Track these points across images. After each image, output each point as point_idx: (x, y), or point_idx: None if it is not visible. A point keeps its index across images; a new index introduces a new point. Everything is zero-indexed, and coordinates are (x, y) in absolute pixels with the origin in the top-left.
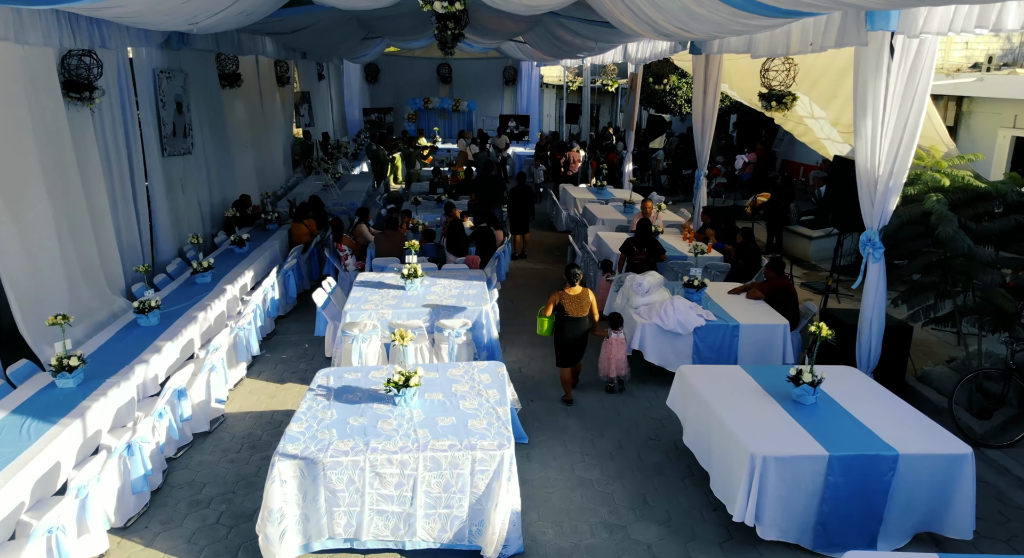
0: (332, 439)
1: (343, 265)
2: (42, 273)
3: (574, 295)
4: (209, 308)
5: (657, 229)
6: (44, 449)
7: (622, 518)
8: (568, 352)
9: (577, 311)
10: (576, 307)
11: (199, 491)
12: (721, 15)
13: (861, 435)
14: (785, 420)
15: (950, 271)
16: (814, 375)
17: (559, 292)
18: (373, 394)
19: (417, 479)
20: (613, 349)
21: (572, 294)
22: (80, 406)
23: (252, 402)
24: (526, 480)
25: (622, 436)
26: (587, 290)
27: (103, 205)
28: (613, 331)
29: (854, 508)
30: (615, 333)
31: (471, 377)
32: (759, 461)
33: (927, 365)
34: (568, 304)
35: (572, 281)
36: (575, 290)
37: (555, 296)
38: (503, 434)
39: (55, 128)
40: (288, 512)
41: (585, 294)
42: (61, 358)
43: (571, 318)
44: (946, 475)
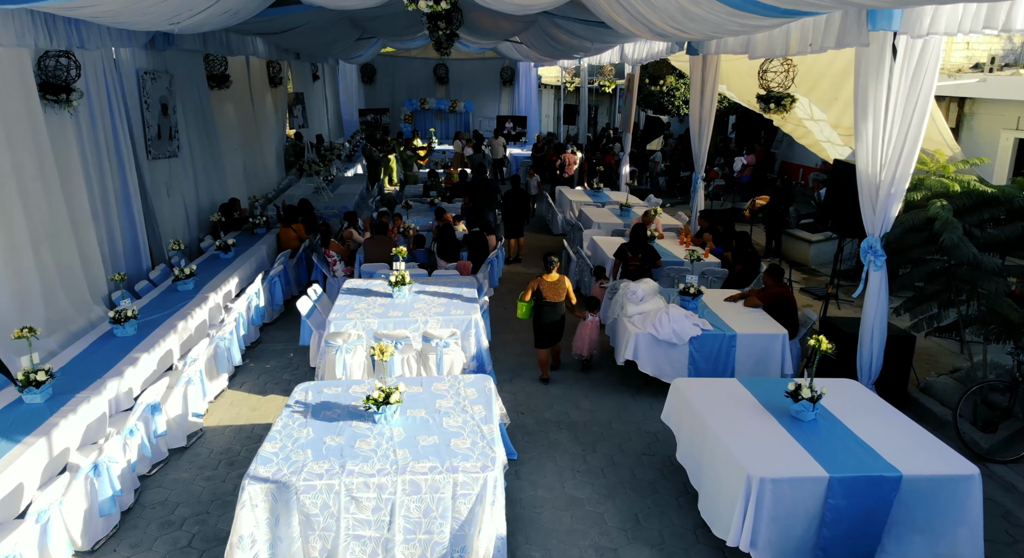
0: (306, 460)
1: (331, 271)
2: (16, 281)
3: (551, 282)
4: (190, 317)
5: (654, 234)
6: (6, 469)
7: (613, 540)
8: (545, 334)
9: (554, 296)
10: (553, 292)
11: (172, 511)
12: (718, 15)
13: (863, 455)
14: (783, 438)
15: (954, 279)
16: (813, 391)
17: (537, 279)
18: (352, 411)
19: (396, 503)
20: (587, 330)
21: (549, 280)
22: (47, 423)
23: (232, 415)
24: (514, 499)
25: (615, 451)
26: (563, 277)
27: (84, 210)
28: (590, 313)
29: (856, 532)
30: (591, 315)
31: (456, 392)
32: (756, 483)
33: (930, 376)
34: (546, 290)
35: (549, 268)
36: (552, 277)
37: (533, 283)
38: (487, 455)
39: (32, 131)
40: (259, 537)
41: (561, 281)
42: (28, 372)
43: (548, 303)
44: (952, 497)
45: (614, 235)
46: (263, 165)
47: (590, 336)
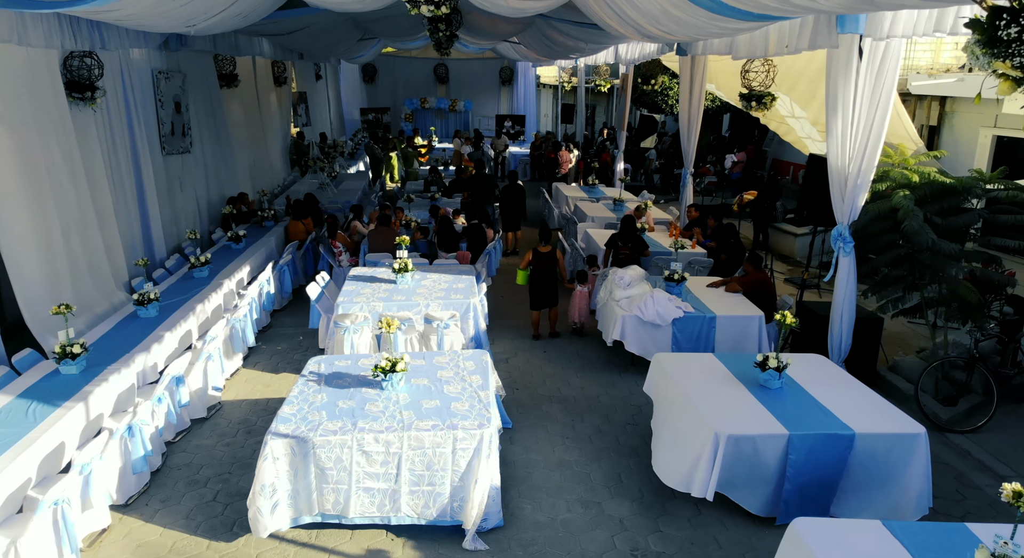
0: (322, 420)
1: (337, 261)
2: (48, 267)
3: (544, 252)
4: (207, 301)
5: (644, 226)
6: (49, 430)
7: (597, 495)
8: (538, 297)
9: (546, 265)
10: (545, 262)
11: (196, 472)
12: (698, 18)
13: (821, 416)
14: (750, 403)
15: (917, 264)
16: (779, 361)
17: (532, 250)
18: (362, 379)
19: (402, 457)
20: (578, 300)
21: (543, 251)
22: (83, 391)
23: (248, 390)
24: (508, 461)
25: (601, 421)
26: (556, 250)
27: (107, 203)
28: (580, 285)
29: (815, 484)
30: (581, 286)
31: (456, 364)
32: (723, 439)
33: (898, 355)
34: (539, 259)
35: (543, 240)
36: (546, 248)
37: (529, 254)
38: (484, 415)
39: (61, 127)
40: (280, 487)
41: (553, 252)
42: (64, 346)
43: (541, 271)
44: (901, 454)
45: (607, 228)
46: (269, 161)
47: (580, 305)
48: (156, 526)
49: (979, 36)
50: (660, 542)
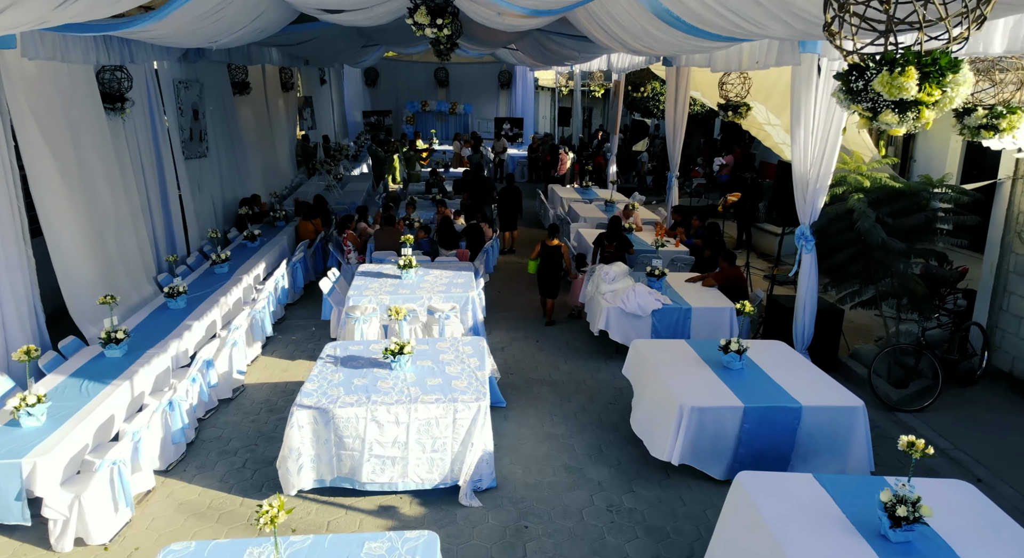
0: (340, 394)
1: (346, 258)
2: (89, 262)
3: (552, 246)
4: (229, 294)
5: (631, 226)
6: (100, 404)
7: (580, 462)
8: (546, 285)
9: (553, 258)
10: (552, 255)
11: (227, 444)
12: (675, 37)
13: (774, 392)
14: (713, 381)
15: (871, 261)
16: (740, 345)
17: (541, 243)
18: (374, 361)
19: (410, 426)
20: (578, 286)
21: (550, 245)
22: (127, 371)
23: (267, 375)
24: (502, 434)
25: (586, 401)
26: (563, 244)
27: (136, 204)
28: (580, 272)
29: (767, 451)
30: (582, 273)
31: (456, 349)
32: (686, 410)
33: (858, 344)
34: (547, 251)
35: (552, 235)
36: (553, 242)
37: (538, 247)
38: (480, 391)
39: (98, 134)
40: (304, 452)
41: (559, 247)
42: (109, 332)
43: (548, 262)
44: (843, 424)
45: (598, 228)
46: (277, 164)
47: (578, 291)
48: (195, 487)
49: (841, 85)
50: (633, 500)
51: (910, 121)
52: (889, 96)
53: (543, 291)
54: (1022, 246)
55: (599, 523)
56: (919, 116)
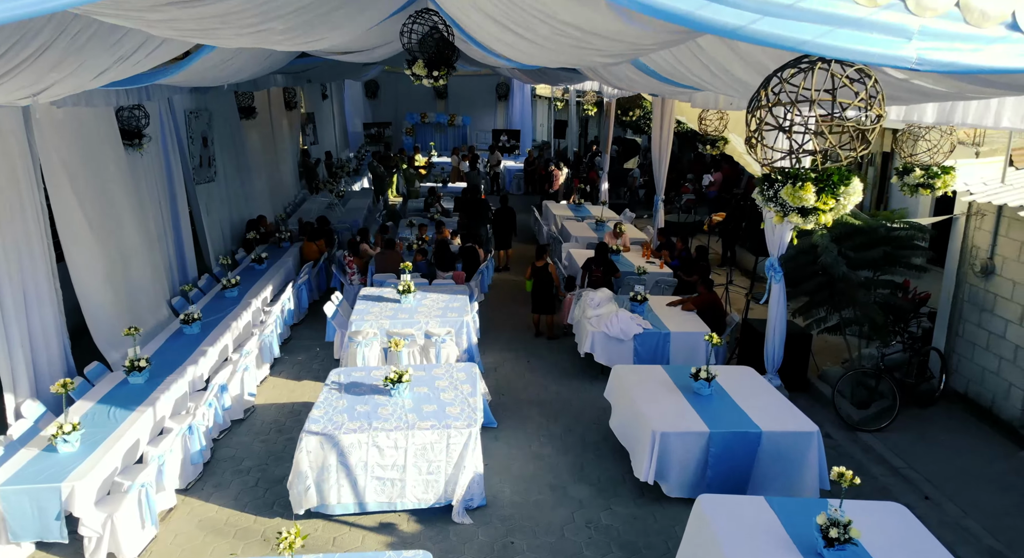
0: (344, 421)
1: (349, 279)
2: (110, 291)
3: (541, 266)
4: (239, 318)
5: (619, 248)
6: (127, 430)
7: (563, 481)
8: (538, 303)
9: (542, 277)
10: (542, 274)
11: (239, 463)
12: (651, 82)
13: (738, 418)
14: (684, 406)
15: (835, 291)
16: (709, 372)
17: (532, 265)
18: (375, 387)
19: (407, 451)
20: (567, 305)
21: (539, 266)
22: (150, 398)
23: (276, 395)
24: (492, 454)
25: (572, 421)
26: (551, 264)
27: (152, 232)
28: (569, 292)
29: (732, 472)
30: (571, 294)
31: (451, 375)
32: (658, 436)
33: (826, 366)
34: (536, 273)
35: (540, 256)
36: (540, 263)
37: (529, 268)
38: (471, 417)
39: (119, 170)
40: (312, 474)
41: (546, 266)
42: (133, 360)
43: (540, 282)
44: (799, 447)
45: (588, 247)
46: (282, 182)
47: (567, 312)
48: (212, 505)
49: (758, 190)
50: (610, 517)
51: (812, 222)
52: (793, 203)
53: (535, 308)
54: (975, 277)
55: (578, 539)
56: (819, 219)
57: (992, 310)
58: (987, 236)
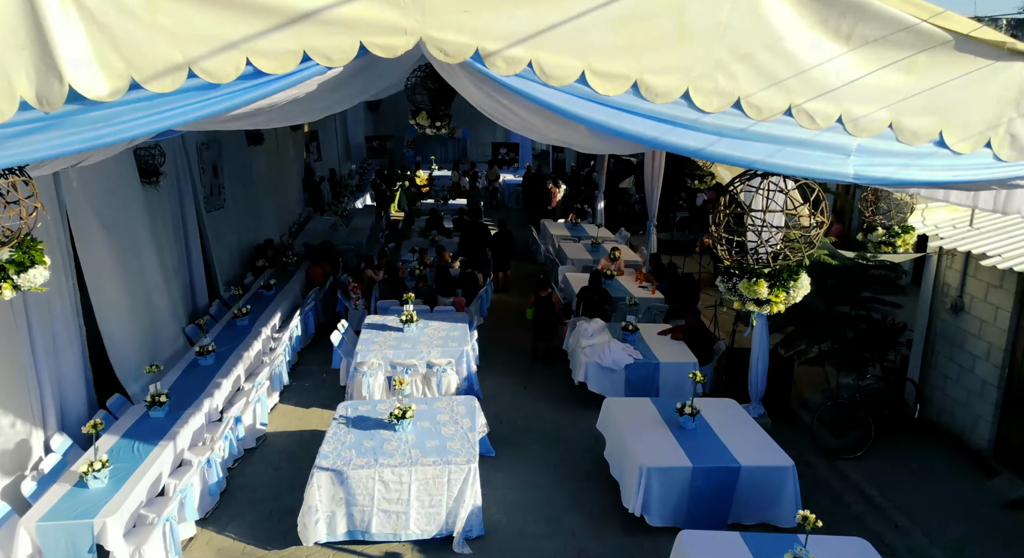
0: (352, 457)
1: (353, 304)
2: (131, 325)
3: (544, 295)
4: (251, 348)
5: (613, 273)
6: (152, 465)
7: (557, 510)
8: (538, 330)
9: (545, 306)
10: (544, 303)
11: (253, 492)
12: None
13: (719, 452)
14: (669, 440)
15: (814, 326)
16: (693, 408)
17: (535, 294)
18: (380, 422)
19: (411, 485)
20: (563, 332)
21: (543, 295)
22: (170, 432)
23: (285, 423)
24: (491, 484)
25: (566, 450)
26: (554, 293)
27: (169, 264)
28: (566, 319)
29: (713, 503)
30: (567, 321)
31: (451, 409)
32: (645, 470)
33: (809, 393)
34: (539, 302)
35: (544, 287)
36: (544, 293)
37: (532, 297)
38: (471, 453)
39: (137, 207)
40: (322, 508)
41: (550, 296)
42: (154, 395)
43: (542, 310)
44: (775, 481)
45: (584, 271)
46: (287, 203)
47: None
48: (229, 535)
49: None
50: (600, 547)
51: (767, 310)
52: (749, 295)
53: (537, 335)
54: (946, 313)
55: None
56: (772, 309)
57: (962, 345)
58: (957, 275)
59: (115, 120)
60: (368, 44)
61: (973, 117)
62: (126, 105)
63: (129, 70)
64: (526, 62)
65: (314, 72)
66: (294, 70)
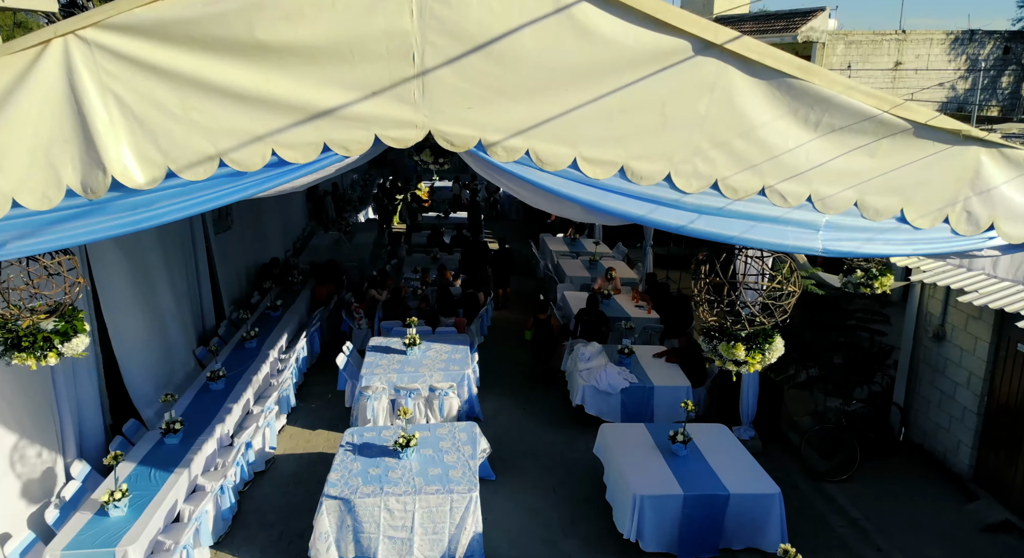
0: (359, 485)
1: (357, 324)
2: (147, 354)
3: (543, 318)
4: (259, 371)
5: (610, 292)
6: (168, 492)
7: (555, 535)
8: (537, 352)
9: (544, 329)
10: (543, 326)
11: (264, 516)
12: None
13: (709, 479)
14: (662, 467)
15: (802, 351)
16: (685, 435)
17: (533, 317)
18: (385, 449)
19: (415, 513)
20: (562, 352)
21: (542, 318)
22: (185, 458)
23: (293, 445)
24: (491, 509)
25: (564, 473)
26: (553, 316)
27: (182, 290)
28: (565, 341)
29: (704, 530)
30: (565, 343)
31: (453, 435)
32: (638, 498)
33: (798, 415)
34: (538, 325)
35: (543, 310)
36: (543, 316)
37: (531, 319)
38: (472, 481)
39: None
40: (330, 534)
41: (549, 319)
42: (169, 423)
43: (540, 332)
44: (762, 507)
45: (582, 289)
46: (292, 220)
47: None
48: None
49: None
50: None
51: (744, 369)
52: (728, 356)
53: (536, 357)
54: (930, 341)
55: None
56: (750, 368)
57: (944, 372)
58: (939, 305)
59: (152, 206)
60: (382, 136)
61: (932, 196)
62: (162, 192)
63: (166, 161)
64: (523, 151)
65: (333, 161)
66: (315, 159)
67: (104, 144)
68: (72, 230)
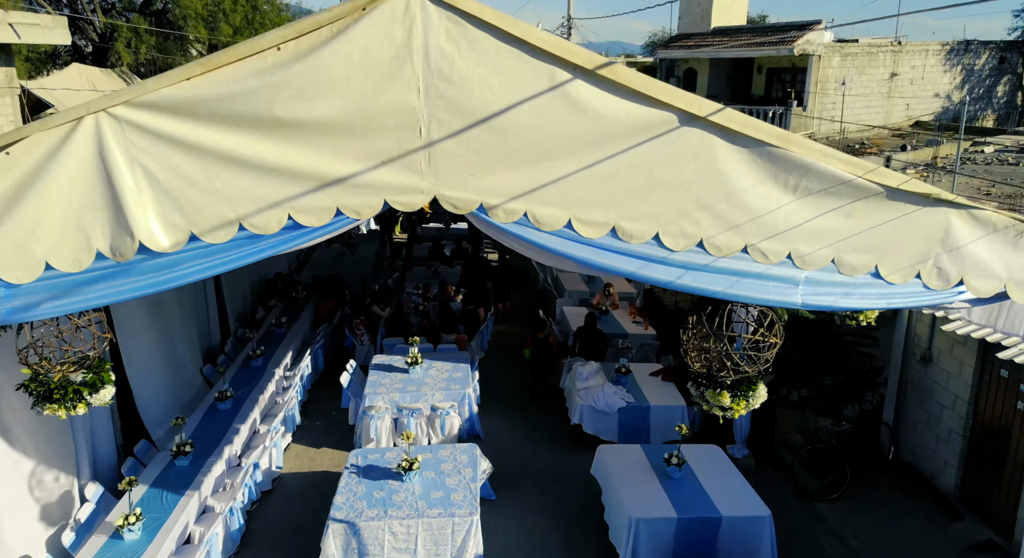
0: (363, 508)
1: (359, 340)
2: (157, 376)
3: (541, 337)
4: (265, 390)
5: (608, 308)
6: (180, 514)
7: (552, 554)
8: (536, 370)
9: (543, 347)
10: (541, 344)
11: (271, 535)
12: None
13: (702, 502)
14: (657, 490)
15: (793, 373)
16: (680, 457)
17: (532, 335)
18: (388, 472)
19: (418, 536)
20: (560, 369)
21: (540, 337)
22: (195, 480)
23: (298, 464)
24: (491, 528)
25: (562, 492)
26: (550, 335)
27: (190, 310)
28: (563, 358)
29: (697, 550)
30: (564, 361)
31: (455, 458)
32: (633, 521)
33: (790, 433)
34: (537, 343)
35: (541, 328)
36: (541, 335)
37: (529, 337)
38: (473, 504)
39: None
40: (337, 556)
41: (547, 338)
42: (179, 445)
43: (539, 350)
44: (753, 529)
45: (581, 303)
46: None
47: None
48: None
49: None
50: None
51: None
52: (714, 402)
53: (535, 374)
54: (917, 363)
55: None
56: (735, 414)
57: (931, 394)
58: (926, 328)
59: (176, 267)
60: (391, 201)
61: (904, 253)
62: (185, 253)
63: (189, 226)
64: (522, 213)
65: (345, 223)
66: (328, 223)
67: (132, 211)
68: (101, 290)
